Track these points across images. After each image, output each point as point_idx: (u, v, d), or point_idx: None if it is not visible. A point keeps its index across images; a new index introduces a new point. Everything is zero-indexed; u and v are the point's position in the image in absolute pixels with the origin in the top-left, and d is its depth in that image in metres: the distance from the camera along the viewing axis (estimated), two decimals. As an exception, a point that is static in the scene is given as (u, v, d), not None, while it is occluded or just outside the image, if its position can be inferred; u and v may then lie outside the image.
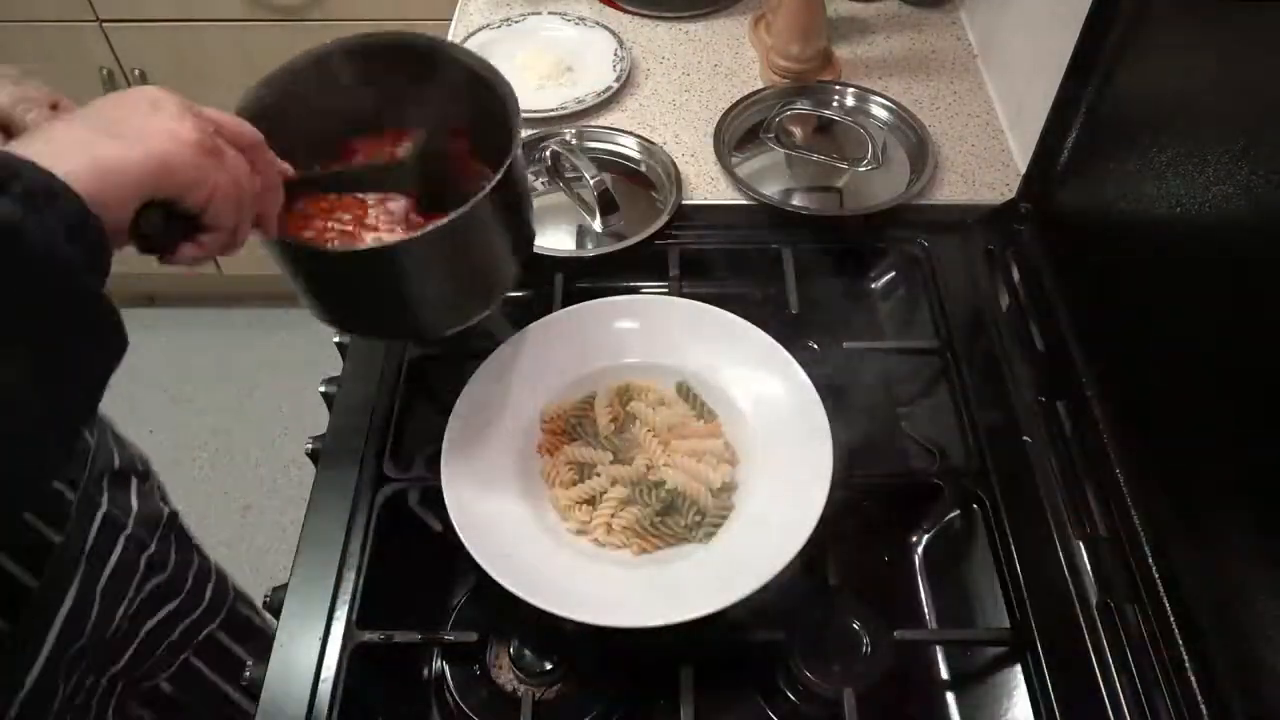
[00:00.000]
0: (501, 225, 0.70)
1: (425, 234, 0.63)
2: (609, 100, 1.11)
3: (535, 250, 0.91)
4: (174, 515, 0.85)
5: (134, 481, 0.80)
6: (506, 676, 0.68)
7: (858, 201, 0.99)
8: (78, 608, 0.69)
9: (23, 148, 0.44)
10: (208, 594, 0.87)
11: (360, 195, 0.69)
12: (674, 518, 0.72)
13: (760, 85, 1.14)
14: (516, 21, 1.22)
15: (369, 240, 0.67)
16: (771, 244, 0.95)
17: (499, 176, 0.65)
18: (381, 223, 0.68)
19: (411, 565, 0.77)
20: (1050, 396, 0.81)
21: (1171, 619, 0.67)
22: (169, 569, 0.81)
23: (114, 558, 0.73)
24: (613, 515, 0.72)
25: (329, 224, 0.67)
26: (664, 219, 0.94)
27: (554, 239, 0.96)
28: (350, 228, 0.67)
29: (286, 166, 0.61)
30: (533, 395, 0.79)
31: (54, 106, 0.62)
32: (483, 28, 1.21)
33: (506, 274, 0.74)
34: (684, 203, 0.97)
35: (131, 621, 0.77)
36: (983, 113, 1.12)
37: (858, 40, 1.21)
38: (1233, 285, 0.64)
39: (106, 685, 0.75)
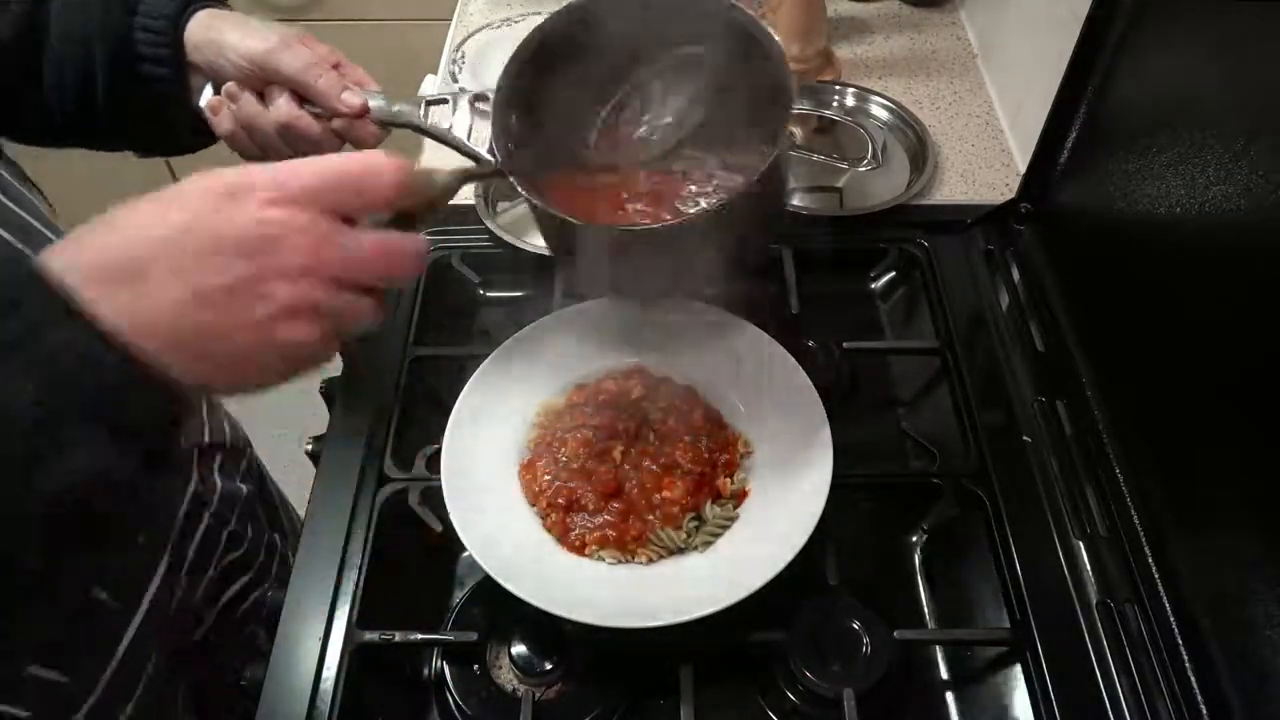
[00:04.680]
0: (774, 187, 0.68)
1: (737, 196, 0.61)
2: (609, 100, 1.11)
3: (535, 250, 0.92)
4: (255, 492, 0.86)
5: (219, 457, 0.80)
6: (506, 676, 0.68)
7: (858, 201, 0.99)
8: (168, 579, 0.68)
9: (110, 296, 0.38)
10: (274, 568, 0.87)
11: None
12: (669, 531, 0.72)
13: (760, 85, 1.14)
14: (517, 21, 1.22)
15: (669, 215, 0.65)
16: (772, 244, 0.94)
17: (780, 145, 0.61)
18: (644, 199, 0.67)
19: (411, 565, 0.77)
20: (1050, 396, 0.81)
21: (1171, 619, 0.67)
22: (245, 545, 0.81)
23: (199, 533, 0.72)
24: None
25: (627, 202, 0.67)
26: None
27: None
28: (647, 205, 0.67)
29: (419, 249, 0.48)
30: (532, 395, 0.79)
31: (336, 67, 0.61)
32: (483, 27, 1.21)
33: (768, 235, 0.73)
34: (684, 203, 0.97)
35: (209, 593, 0.76)
36: (983, 113, 1.12)
37: (858, 40, 1.21)
38: (1233, 285, 0.64)
39: (190, 652, 0.75)
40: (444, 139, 0.65)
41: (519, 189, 0.61)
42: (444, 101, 0.61)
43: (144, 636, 0.65)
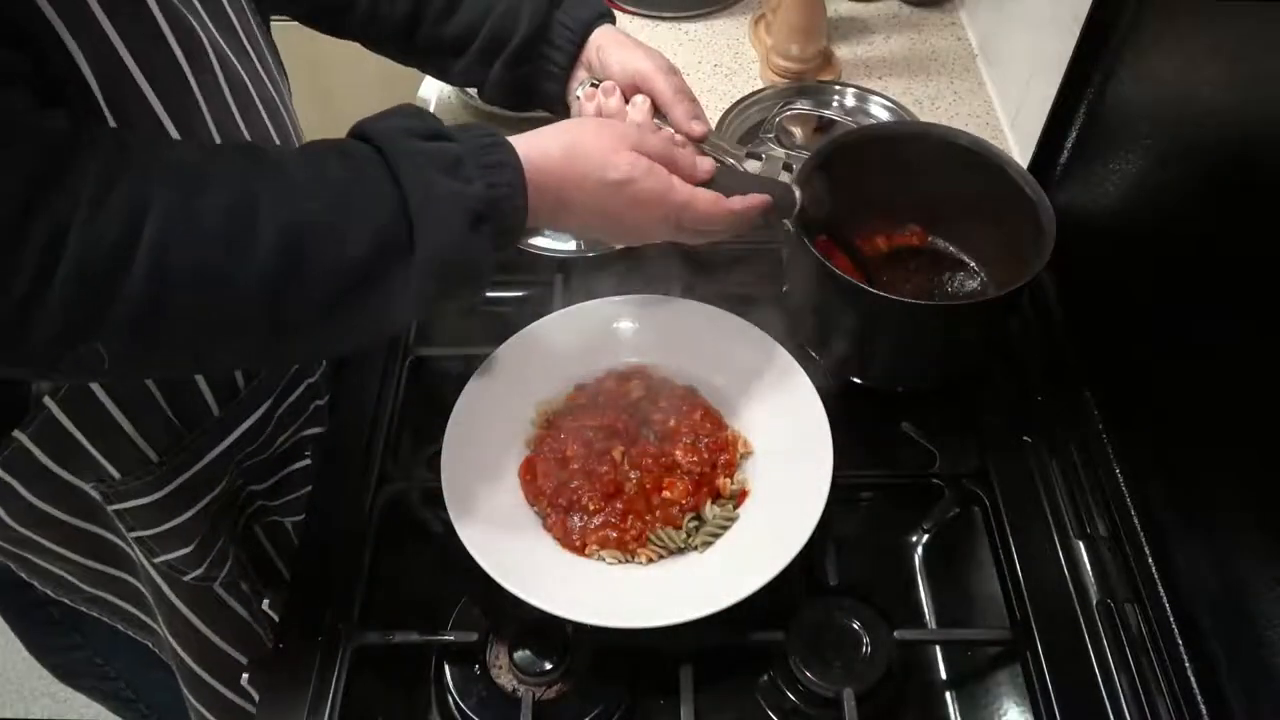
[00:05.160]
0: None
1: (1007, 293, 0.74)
2: (609, 100, 1.11)
3: (535, 250, 0.92)
4: (327, 378, 0.91)
5: None
6: (506, 676, 0.68)
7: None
8: (254, 428, 0.76)
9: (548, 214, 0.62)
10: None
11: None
12: (669, 531, 0.72)
13: (760, 85, 1.14)
14: None
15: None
16: (771, 244, 0.94)
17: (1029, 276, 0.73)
18: None
19: (411, 565, 0.77)
20: (1050, 396, 0.81)
21: (1171, 619, 0.67)
22: (325, 424, 0.85)
23: (297, 392, 0.80)
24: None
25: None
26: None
27: (554, 239, 0.96)
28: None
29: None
30: (532, 395, 0.79)
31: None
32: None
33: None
34: (684, 203, 0.97)
35: (285, 455, 0.82)
36: (983, 113, 1.12)
37: (858, 40, 1.21)
38: (1233, 285, 0.64)
39: (252, 501, 0.83)
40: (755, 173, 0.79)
41: (797, 230, 0.75)
42: (759, 159, 0.79)
43: (226, 459, 0.74)
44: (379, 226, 0.52)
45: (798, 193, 0.73)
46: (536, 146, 0.59)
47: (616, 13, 1.25)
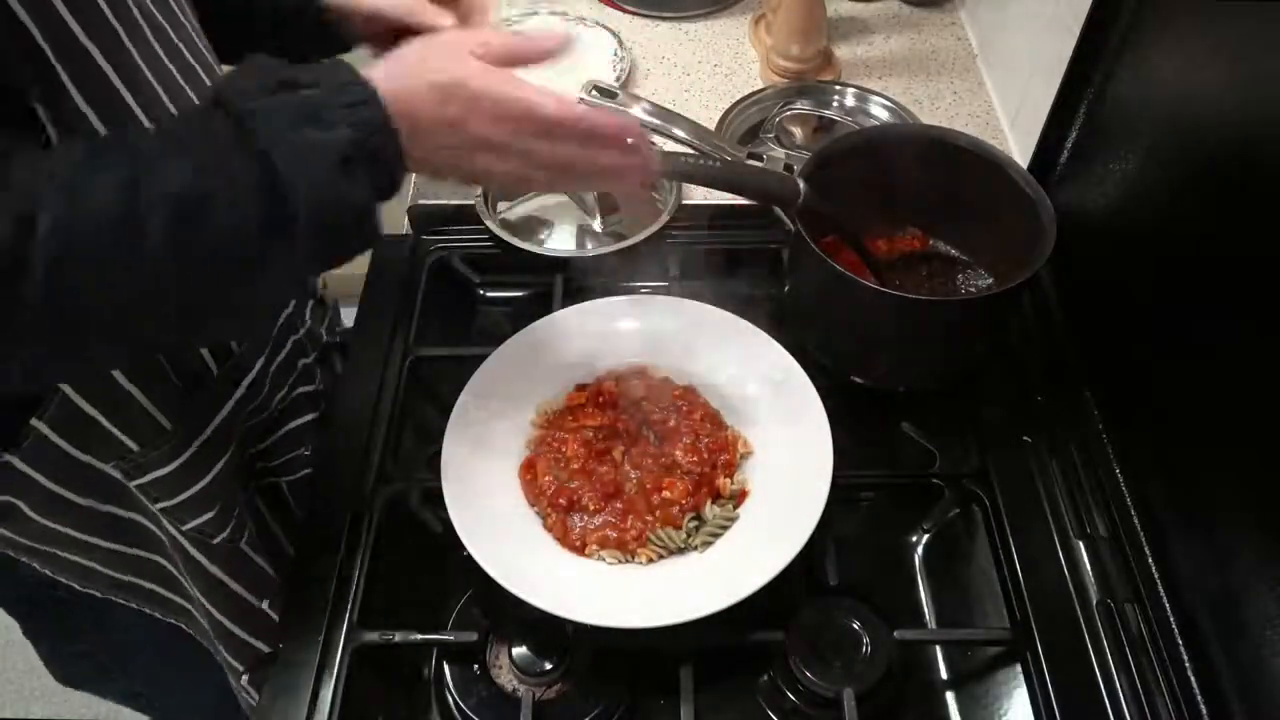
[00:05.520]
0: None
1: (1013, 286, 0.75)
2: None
3: (535, 250, 0.92)
4: (332, 346, 0.94)
5: (311, 302, 0.89)
6: (506, 676, 0.68)
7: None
8: (259, 376, 0.78)
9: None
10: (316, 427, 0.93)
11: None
12: (669, 531, 0.72)
13: (760, 85, 1.14)
14: (515, 22, 1.22)
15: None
16: (771, 244, 0.95)
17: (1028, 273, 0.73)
18: None
19: (411, 565, 0.77)
20: (1050, 396, 0.81)
21: (1171, 619, 0.67)
22: (315, 383, 0.88)
23: (287, 346, 0.82)
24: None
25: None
26: (664, 219, 0.94)
27: (554, 239, 0.96)
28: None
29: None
30: (532, 395, 0.79)
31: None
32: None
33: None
34: (684, 202, 0.97)
35: (282, 414, 0.84)
36: (983, 113, 1.12)
37: (858, 40, 1.21)
38: (1233, 285, 0.64)
39: (254, 463, 0.85)
40: None
41: (800, 228, 0.75)
42: (759, 159, 0.84)
43: (233, 419, 0.76)
44: (251, 192, 0.51)
45: (802, 184, 0.73)
46: (394, 75, 0.56)
47: (616, 13, 1.25)
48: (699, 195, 1.00)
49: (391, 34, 0.71)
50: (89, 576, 0.80)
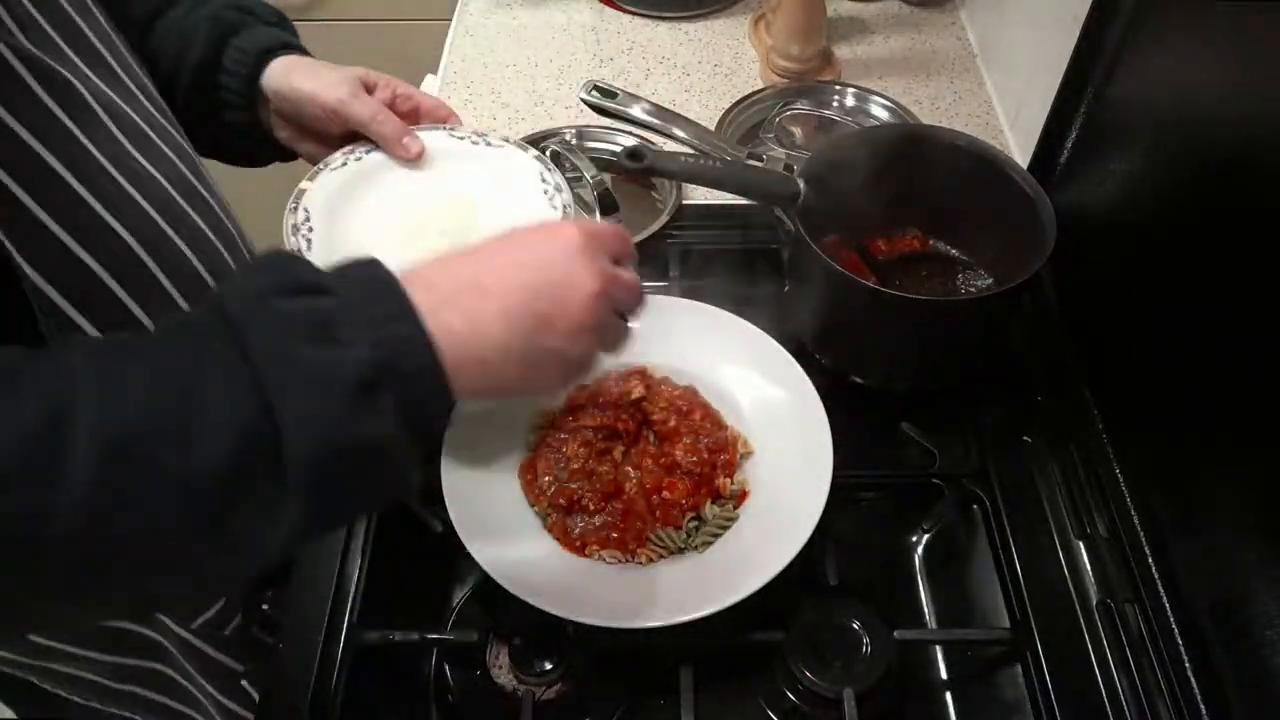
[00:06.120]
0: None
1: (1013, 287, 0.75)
2: (609, 100, 1.11)
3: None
4: None
5: None
6: (506, 676, 0.68)
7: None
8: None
9: (440, 328, 0.45)
10: None
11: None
12: (669, 531, 0.72)
13: (760, 85, 1.14)
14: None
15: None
16: (771, 244, 0.95)
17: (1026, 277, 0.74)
18: None
19: (411, 565, 0.77)
20: (1050, 396, 0.81)
21: (1171, 619, 0.67)
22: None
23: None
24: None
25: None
26: (664, 219, 0.94)
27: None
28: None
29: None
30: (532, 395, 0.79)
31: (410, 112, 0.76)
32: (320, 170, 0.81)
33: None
34: (684, 202, 0.98)
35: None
36: (983, 113, 1.12)
37: (858, 40, 1.21)
38: (1233, 286, 0.64)
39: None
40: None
41: (800, 228, 0.76)
42: (759, 159, 0.84)
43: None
44: (231, 423, 0.40)
45: (802, 184, 0.73)
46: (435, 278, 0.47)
47: (616, 13, 1.25)
48: (699, 195, 1.00)
49: (342, 137, 0.73)
50: (92, 689, 0.76)
